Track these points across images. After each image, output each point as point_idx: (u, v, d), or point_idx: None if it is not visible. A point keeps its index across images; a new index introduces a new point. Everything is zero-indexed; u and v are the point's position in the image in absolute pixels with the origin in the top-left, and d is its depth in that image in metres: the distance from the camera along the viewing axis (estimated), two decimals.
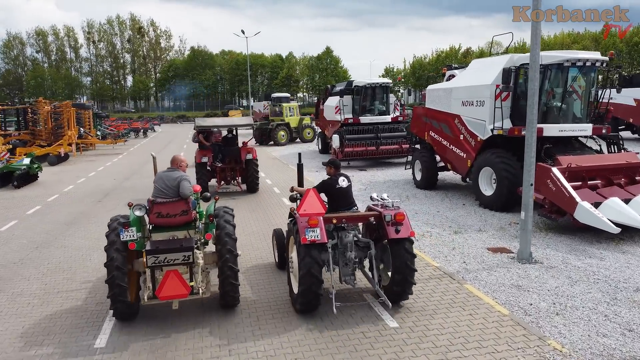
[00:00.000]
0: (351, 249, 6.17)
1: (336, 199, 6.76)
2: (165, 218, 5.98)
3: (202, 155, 14.18)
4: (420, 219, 10.90)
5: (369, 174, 18.01)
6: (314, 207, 6.00)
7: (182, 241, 5.73)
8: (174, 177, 6.14)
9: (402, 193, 13.91)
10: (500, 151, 11.50)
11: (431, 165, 14.18)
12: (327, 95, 24.14)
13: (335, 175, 6.89)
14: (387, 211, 6.11)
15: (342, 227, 6.33)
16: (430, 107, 14.11)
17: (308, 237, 5.64)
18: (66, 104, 28.26)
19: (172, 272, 5.46)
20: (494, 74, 11.68)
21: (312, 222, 5.69)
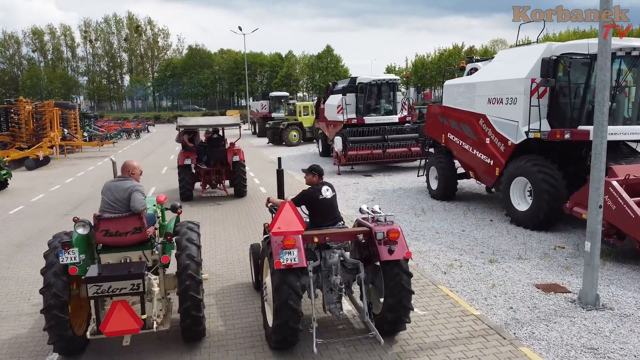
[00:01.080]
0: (336, 271, 5.23)
1: (319, 213, 5.73)
2: (114, 237, 5.07)
3: (184, 157, 13.04)
4: (444, 241, 8.98)
5: (375, 180, 16.09)
6: (290, 224, 5.05)
7: (131, 266, 4.80)
8: (124, 188, 5.19)
9: (416, 205, 11.99)
10: (537, 158, 9.59)
11: (449, 173, 12.27)
12: (328, 94, 22.21)
13: (317, 184, 5.85)
14: (379, 227, 5.15)
15: (326, 245, 5.34)
16: (448, 106, 12.21)
17: (283, 260, 4.73)
18: (48, 104, 26.36)
19: (119, 304, 4.60)
20: (528, 66, 9.80)
21: (287, 243, 4.77)
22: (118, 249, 5.20)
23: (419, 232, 9.58)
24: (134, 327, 4.64)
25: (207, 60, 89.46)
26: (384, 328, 5.15)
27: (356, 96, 19.74)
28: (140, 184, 5.40)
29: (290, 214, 5.19)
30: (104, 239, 5.08)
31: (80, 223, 5.02)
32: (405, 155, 17.92)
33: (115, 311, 4.58)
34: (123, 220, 5.05)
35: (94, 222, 5.05)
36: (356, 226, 5.59)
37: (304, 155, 24.45)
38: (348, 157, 17.34)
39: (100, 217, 5.00)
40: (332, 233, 5.31)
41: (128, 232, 5.08)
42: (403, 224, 10.16)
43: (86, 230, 5.01)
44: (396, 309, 5.03)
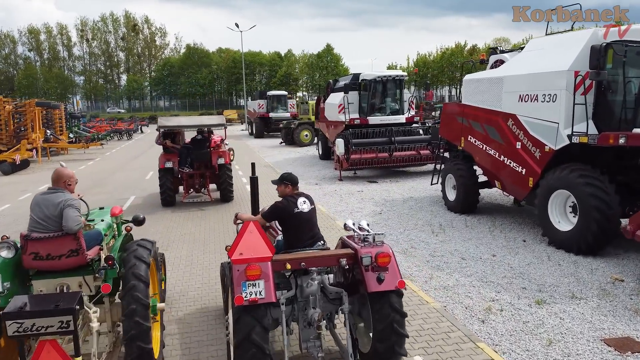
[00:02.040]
0: (315, 303, 4.37)
1: (294, 230, 4.84)
2: (46, 261, 4.30)
3: (165, 159, 12.11)
4: (473, 270, 7.27)
5: (381, 187, 14.39)
6: (255, 249, 4.16)
7: (60, 298, 3.89)
8: (55, 203, 4.36)
9: (432, 220, 10.27)
10: (583, 167, 7.90)
11: (470, 182, 10.56)
12: (329, 92, 20.53)
13: (291, 195, 4.93)
14: (366, 250, 4.27)
15: (304, 270, 4.44)
16: (469, 104, 10.51)
17: (246, 295, 3.91)
18: (29, 103, 24.68)
19: (47, 343, 3.76)
20: (571, 56, 8.12)
21: (251, 273, 3.96)
22: (54, 275, 4.40)
23: (440, 257, 7.88)
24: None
25: (205, 59, 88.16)
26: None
27: (359, 94, 18.04)
28: (75, 198, 4.54)
29: (255, 237, 4.25)
30: (33, 263, 4.31)
31: (4, 244, 4.32)
32: (414, 159, 16.22)
33: (43, 352, 3.77)
34: (55, 240, 4.26)
35: (21, 242, 4.30)
36: (340, 246, 4.71)
37: (302, 158, 22.75)
38: (351, 162, 15.64)
39: (27, 238, 4.23)
40: (308, 257, 4.36)
41: (62, 255, 4.30)
42: (420, 246, 8.46)
43: (10, 254, 4.30)
44: (387, 336, 4.19)
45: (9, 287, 4.17)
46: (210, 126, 12.83)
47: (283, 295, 4.29)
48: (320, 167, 19.54)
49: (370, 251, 4.23)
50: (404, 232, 9.35)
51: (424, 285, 6.70)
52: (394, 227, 9.73)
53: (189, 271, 7.69)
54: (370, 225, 4.81)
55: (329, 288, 4.48)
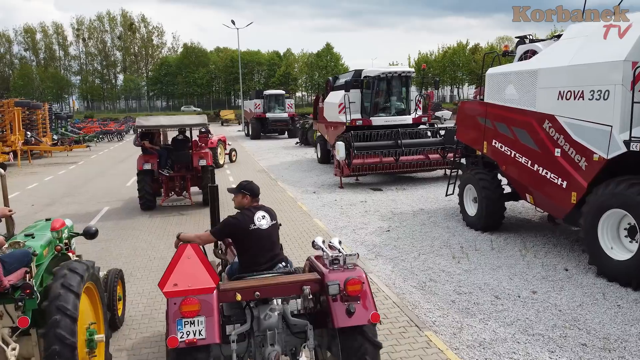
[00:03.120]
0: (274, 339, 3.54)
1: (250, 250, 4.02)
2: None
3: (144, 161, 11.54)
4: (513, 317, 5.64)
5: (387, 197, 12.78)
6: (193, 278, 3.42)
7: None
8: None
9: (450, 240, 8.67)
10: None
11: (495, 194, 8.95)
12: (329, 90, 18.95)
13: (248, 208, 4.16)
14: (334, 275, 3.46)
15: (265, 299, 3.62)
16: (493, 102, 8.91)
17: (181, 335, 3.17)
18: (8, 103, 23.08)
19: None
20: (627, 43, 6.55)
21: (187, 309, 3.20)
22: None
23: (467, 295, 6.27)
24: None
25: (203, 58, 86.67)
26: None
27: (361, 93, 16.48)
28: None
29: (193, 262, 3.63)
30: None
31: None
32: (422, 165, 14.62)
33: None
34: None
35: None
36: (306, 269, 4.01)
37: (299, 162, 21.15)
38: (352, 167, 14.04)
39: None
40: (265, 285, 3.61)
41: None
42: (441, 277, 6.85)
43: None
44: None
45: None
46: (190, 126, 12.04)
47: (235, 331, 3.59)
48: (318, 171, 17.94)
49: (338, 277, 3.49)
50: (418, 256, 7.75)
51: (452, 341, 5.10)
52: (406, 249, 8.13)
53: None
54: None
55: (291, 320, 3.75)
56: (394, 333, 5.25)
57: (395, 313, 5.68)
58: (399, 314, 5.65)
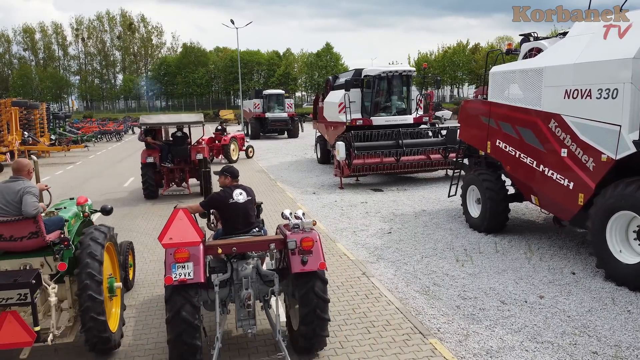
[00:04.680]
0: (247, 285, 4.64)
1: (230, 219, 5.18)
2: (9, 242, 4.65)
3: (147, 154, 12.96)
4: (520, 323, 5.44)
5: (388, 197, 12.58)
6: (184, 234, 4.47)
7: (19, 274, 4.39)
8: (15, 190, 4.69)
9: (453, 242, 8.47)
10: None
11: (499, 195, 8.75)
12: (328, 89, 18.74)
13: (229, 186, 5.31)
14: (293, 235, 4.59)
15: (242, 255, 4.83)
16: (497, 102, 8.72)
17: (175, 275, 4.24)
18: (5, 102, 22.82)
19: (9, 314, 4.23)
20: (637, 40, 6.35)
21: (179, 256, 4.29)
22: (19, 255, 4.83)
23: (473, 300, 6.07)
24: (26, 339, 4.30)
25: (202, 58, 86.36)
26: (299, 344, 4.69)
27: (362, 92, 16.26)
28: (34, 185, 4.92)
29: (184, 223, 4.59)
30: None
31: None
32: (423, 165, 14.41)
33: (5, 322, 4.27)
34: (17, 224, 4.64)
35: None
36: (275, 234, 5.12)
37: (299, 162, 20.95)
38: (353, 167, 13.84)
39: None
40: (239, 242, 4.78)
41: (23, 237, 4.70)
42: (445, 281, 6.65)
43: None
44: (310, 320, 4.50)
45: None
46: (188, 123, 13.27)
47: (218, 278, 4.58)
48: (318, 172, 17.74)
49: (296, 237, 4.55)
50: (421, 259, 7.55)
51: (458, 349, 4.90)
52: (409, 252, 7.93)
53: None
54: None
55: (262, 271, 4.83)
56: (397, 340, 5.06)
57: (399, 319, 5.49)
58: (402, 320, 5.45)
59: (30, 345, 4.37)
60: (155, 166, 12.95)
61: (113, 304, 5.23)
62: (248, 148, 22.84)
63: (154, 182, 13.03)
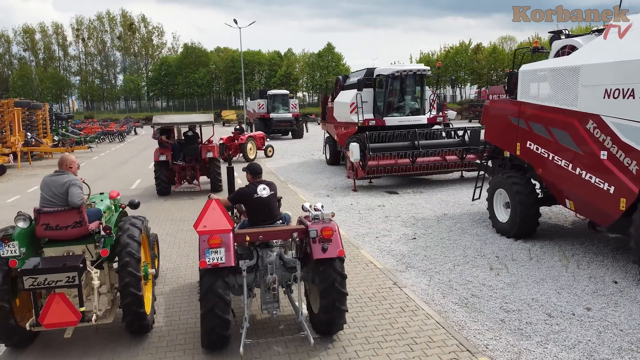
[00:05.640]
0: (272, 270, 5.10)
1: (255, 212, 5.62)
2: (55, 230, 5.09)
3: (160, 153, 13.51)
4: (573, 339, 5.06)
5: (404, 200, 12.21)
6: (217, 222, 4.87)
7: (67, 259, 4.82)
8: (62, 183, 5.16)
9: (483, 248, 8.10)
10: None
11: (530, 199, 8.38)
12: (338, 89, 18.37)
13: (253, 182, 5.73)
14: (314, 225, 4.98)
15: (267, 244, 5.30)
16: (527, 101, 8.35)
17: (209, 259, 4.65)
18: (7, 103, 22.48)
19: (57, 296, 4.64)
20: None
21: (213, 242, 4.69)
22: (62, 243, 5.23)
23: (517, 312, 5.70)
24: (72, 319, 4.68)
25: (203, 58, 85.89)
26: (320, 328, 5.10)
27: (374, 92, 15.91)
28: (78, 178, 5.33)
29: (216, 212, 4.98)
30: (44, 232, 5.14)
31: (21, 217, 5.03)
32: (439, 167, 14.04)
33: (53, 303, 4.64)
34: (63, 214, 5.07)
35: (34, 216, 5.08)
36: (297, 225, 5.36)
37: (307, 163, 20.59)
38: (367, 169, 13.46)
39: (40, 211, 5.06)
40: (265, 231, 5.20)
41: (68, 226, 5.11)
42: (483, 292, 6.28)
43: (26, 224, 5.03)
44: (330, 310, 4.91)
45: (25, 252, 4.90)
46: (198, 123, 13.89)
47: (245, 264, 4.96)
48: (329, 173, 17.38)
49: (316, 226, 4.93)
50: (453, 268, 7.18)
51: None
52: (438, 260, 7.56)
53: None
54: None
55: (285, 258, 5.27)
56: (444, 359, 4.69)
57: (441, 335, 5.11)
58: (446, 337, 5.08)
59: (76, 324, 4.77)
60: (168, 164, 13.50)
61: (146, 289, 5.57)
62: (267, 148, 23.21)
63: (166, 180, 13.57)
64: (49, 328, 4.77)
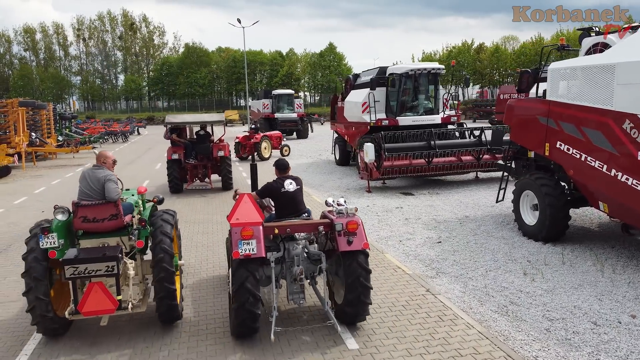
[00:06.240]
0: (298, 262, 5.32)
1: (282, 205, 5.84)
2: (92, 223, 5.34)
3: (172, 151, 13.73)
4: (624, 349, 4.78)
5: (422, 202, 11.94)
6: (248, 215, 5.10)
7: (106, 250, 5.08)
8: (98, 177, 5.47)
9: (512, 252, 7.83)
10: None
11: (559, 201, 8.10)
12: (349, 89, 18.10)
13: (281, 177, 5.92)
14: (339, 219, 5.18)
15: (292, 237, 5.47)
16: (558, 100, 8.08)
17: (241, 250, 4.83)
18: (12, 103, 22.18)
19: (95, 285, 4.86)
20: None
21: (245, 233, 4.88)
22: (97, 235, 5.42)
23: (561, 320, 5.43)
24: (109, 307, 4.87)
25: (205, 58, 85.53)
26: (344, 319, 5.24)
27: (387, 91, 15.65)
28: (114, 173, 5.63)
29: (248, 206, 5.22)
30: (82, 225, 5.32)
31: (59, 210, 5.25)
32: (455, 167, 13.77)
33: (92, 292, 4.81)
34: (100, 207, 5.30)
35: (72, 209, 5.31)
36: (320, 219, 5.57)
37: (316, 164, 20.33)
38: (382, 170, 13.19)
39: (78, 204, 5.26)
40: (293, 224, 5.36)
41: (105, 219, 5.32)
42: (521, 299, 6.01)
43: (65, 217, 5.25)
44: (355, 304, 5.10)
45: (63, 244, 5.10)
46: (210, 122, 14.19)
47: (273, 256, 5.16)
48: (339, 174, 17.12)
49: (342, 220, 5.11)
50: (486, 273, 6.92)
51: None
52: (469, 265, 7.29)
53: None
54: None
55: (311, 251, 5.47)
56: None
57: (487, 347, 4.84)
58: (492, 348, 4.81)
59: (113, 312, 4.95)
60: (180, 162, 13.70)
61: (176, 279, 5.74)
62: (283, 147, 23.23)
63: (179, 178, 13.76)
64: (87, 316, 4.96)
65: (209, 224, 10.46)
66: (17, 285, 7.03)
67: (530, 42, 71.94)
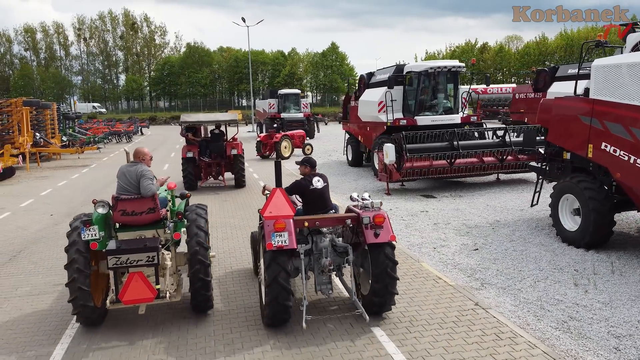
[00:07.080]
0: (326, 254, 5.58)
1: (310, 202, 6.05)
2: (131, 216, 5.60)
3: (187, 150, 14.08)
4: None
5: (447, 206, 11.47)
6: (281, 209, 5.36)
7: (146, 241, 5.34)
8: (135, 173, 5.68)
9: (556, 260, 7.36)
10: None
11: (604, 206, 7.63)
12: (363, 88, 17.64)
13: (309, 175, 6.16)
14: (366, 213, 5.40)
15: (319, 230, 5.77)
16: (603, 99, 7.61)
17: (274, 242, 5.07)
18: (16, 102, 21.75)
19: (136, 274, 5.11)
20: None
21: (278, 226, 5.11)
22: (134, 228, 5.66)
23: (628, 337, 4.97)
24: (149, 296, 5.09)
25: (206, 58, 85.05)
26: (370, 309, 5.43)
27: (404, 89, 15.20)
28: (149, 169, 5.81)
29: (281, 200, 5.44)
30: (121, 218, 5.57)
31: (100, 203, 5.45)
32: (478, 169, 13.30)
33: (132, 281, 5.04)
34: (138, 201, 5.54)
35: (112, 202, 5.54)
36: (346, 213, 5.75)
37: (327, 164, 19.88)
38: (403, 172, 12.72)
39: (118, 198, 5.51)
40: (321, 218, 5.61)
41: (143, 212, 5.55)
42: (580, 312, 5.55)
43: (105, 210, 5.46)
44: (382, 294, 5.32)
45: (103, 236, 5.34)
46: (224, 122, 14.50)
47: (302, 248, 5.38)
48: (353, 175, 16.67)
49: (369, 214, 5.36)
50: (534, 284, 6.45)
51: None
52: (514, 275, 6.82)
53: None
54: None
55: (337, 244, 5.72)
56: None
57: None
58: None
59: (152, 301, 5.17)
60: (195, 160, 14.10)
61: None
62: (306, 146, 23.09)
63: (193, 174, 14.11)
64: (128, 304, 5.17)
65: (227, 229, 10.01)
66: (30, 298, 6.58)
67: (534, 41, 71.53)
